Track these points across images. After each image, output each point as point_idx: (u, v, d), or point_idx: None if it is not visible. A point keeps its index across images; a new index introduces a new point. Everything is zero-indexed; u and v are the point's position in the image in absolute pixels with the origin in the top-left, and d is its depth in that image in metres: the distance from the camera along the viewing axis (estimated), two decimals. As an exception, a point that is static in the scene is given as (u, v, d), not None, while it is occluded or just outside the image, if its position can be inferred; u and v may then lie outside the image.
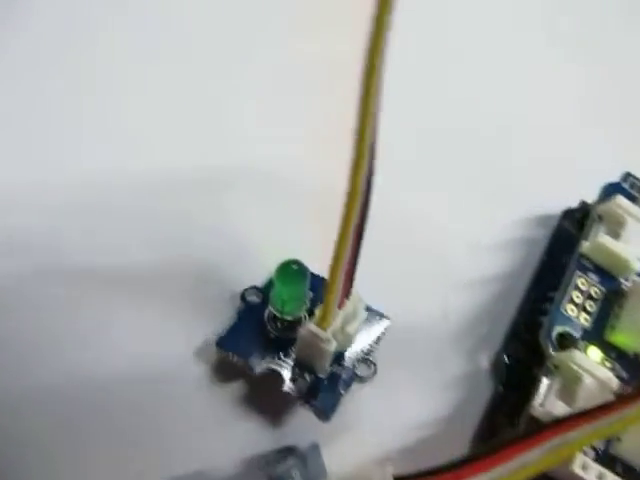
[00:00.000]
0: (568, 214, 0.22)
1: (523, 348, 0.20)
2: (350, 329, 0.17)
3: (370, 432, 0.18)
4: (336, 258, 0.15)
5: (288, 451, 0.17)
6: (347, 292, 0.17)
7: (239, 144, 0.23)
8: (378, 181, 0.13)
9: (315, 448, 0.17)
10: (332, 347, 0.16)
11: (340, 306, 0.17)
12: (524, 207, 0.23)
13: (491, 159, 0.24)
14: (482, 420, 0.19)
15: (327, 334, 0.16)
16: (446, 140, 0.24)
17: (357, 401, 0.19)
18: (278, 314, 0.18)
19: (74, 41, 0.24)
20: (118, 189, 0.21)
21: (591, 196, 0.22)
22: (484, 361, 0.20)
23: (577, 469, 0.15)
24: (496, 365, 0.20)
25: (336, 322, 0.16)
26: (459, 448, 0.18)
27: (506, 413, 0.19)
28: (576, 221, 0.22)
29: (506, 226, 0.23)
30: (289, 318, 0.18)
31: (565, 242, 0.22)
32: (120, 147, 0.23)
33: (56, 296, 0.19)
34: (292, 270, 0.17)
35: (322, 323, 0.16)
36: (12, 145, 0.22)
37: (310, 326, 0.16)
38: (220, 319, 0.19)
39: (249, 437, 0.18)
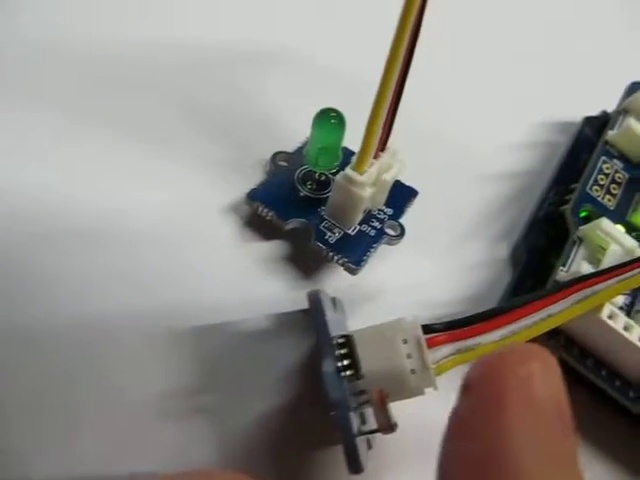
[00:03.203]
0: (588, 121, 0.23)
1: (541, 238, 0.20)
2: (386, 176, 0.17)
3: (391, 303, 0.18)
4: (378, 102, 0.15)
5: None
6: (383, 145, 0.17)
7: (282, 25, 0.24)
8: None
9: (338, 302, 0.17)
10: (366, 193, 0.16)
11: (376, 156, 0.17)
12: (547, 113, 0.24)
13: (520, 68, 0.25)
14: (500, 303, 0.19)
15: (363, 178, 0.16)
16: (481, 48, 0.25)
17: (381, 271, 0.19)
18: (311, 166, 0.18)
19: None
20: (162, 57, 0.21)
21: (610, 107, 0.23)
22: (504, 249, 0.21)
23: (605, 317, 0.16)
24: (515, 253, 0.20)
25: (372, 170, 0.16)
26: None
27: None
28: (596, 128, 0.23)
29: (530, 129, 0.24)
30: (321, 177, 0.18)
31: (585, 146, 0.22)
32: (165, 17, 0.23)
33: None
34: (330, 116, 0.17)
35: (358, 168, 0.16)
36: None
37: (347, 170, 0.16)
38: (252, 182, 0.19)
39: (276, 293, 0.18)
